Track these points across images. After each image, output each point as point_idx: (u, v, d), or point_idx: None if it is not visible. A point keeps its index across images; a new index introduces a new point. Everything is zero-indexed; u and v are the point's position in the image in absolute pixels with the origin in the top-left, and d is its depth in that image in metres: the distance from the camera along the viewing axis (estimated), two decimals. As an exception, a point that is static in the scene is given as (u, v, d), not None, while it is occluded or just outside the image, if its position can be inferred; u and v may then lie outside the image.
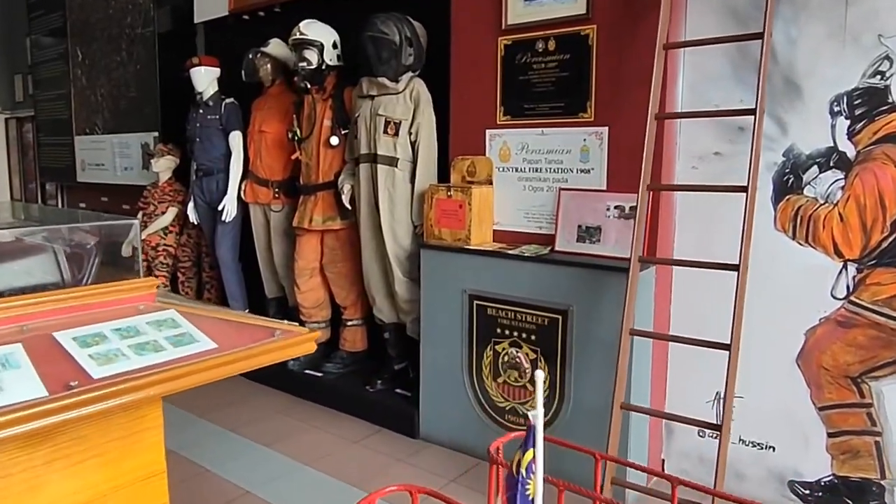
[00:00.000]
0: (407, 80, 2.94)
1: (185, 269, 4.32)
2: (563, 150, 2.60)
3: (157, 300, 1.64)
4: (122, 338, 1.40)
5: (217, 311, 1.66)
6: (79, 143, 5.29)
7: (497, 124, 2.78)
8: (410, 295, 3.02)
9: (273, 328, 1.59)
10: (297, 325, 1.71)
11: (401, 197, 2.97)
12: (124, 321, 1.47)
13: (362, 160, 3.04)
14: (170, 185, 4.24)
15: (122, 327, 1.44)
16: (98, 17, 4.85)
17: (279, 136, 3.55)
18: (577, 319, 2.44)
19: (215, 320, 1.58)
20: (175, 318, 1.53)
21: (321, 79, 3.24)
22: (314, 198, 3.32)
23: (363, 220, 3.10)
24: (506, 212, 2.79)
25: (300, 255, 3.42)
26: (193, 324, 1.52)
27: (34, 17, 5.65)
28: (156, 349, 1.40)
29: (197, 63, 3.80)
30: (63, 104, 5.39)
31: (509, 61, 2.71)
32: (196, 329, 1.50)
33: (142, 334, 1.44)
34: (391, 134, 2.94)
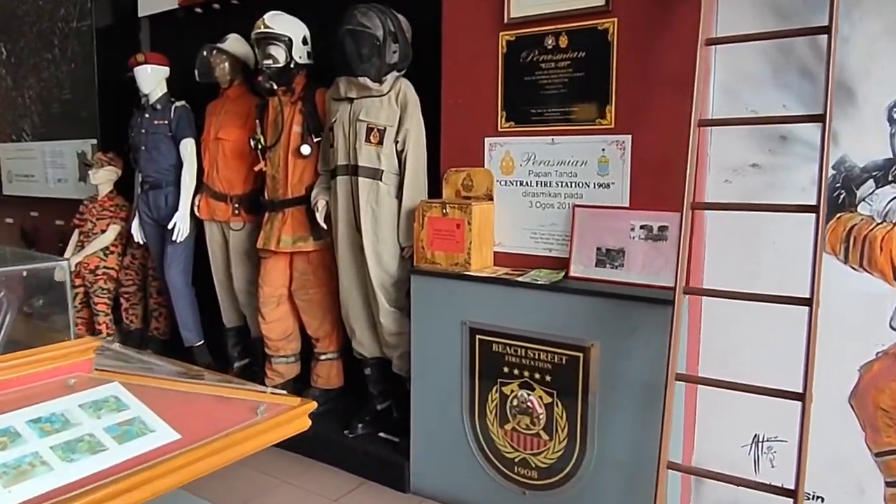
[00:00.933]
0: (392, 81, 2.56)
1: (128, 294, 3.81)
2: (578, 161, 2.27)
3: (97, 367, 1.22)
4: (42, 434, 0.98)
5: (177, 380, 1.25)
6: (3, 152, 4.69)
7: (498, 132, 2.43)
8: (398, 327, 2.63)
9: (255, 401, 1.19)
10: (284, 392, 1.32)
11: (386, 215, 2.58)
12: (48, 406, 1.05)
13: (340, 172, 2.64)
14: (110, 200, 3.74)
15: (45, 416, 1.02)
16: (25, 9, 4.30)
17: (239, 145, 3.12)
18: (600, 358, 2.11)
19: (176, 395, 1.17)
20: (120, 396, 1.11)
21: (289, 79, 2.83)
22: (282, 215, 2.89)
23: (341, 242, 2.70)
24: (509, 231, 2.44)
25: (265, 281, 2.99)
26: (146, 402, 1.11)
27: (-49, 10, 5.02)
28: (92, 449, 0.98)
29: (142, 61, 3.33)
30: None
31: (512, 60, 2.37)
32: (149, 412, 1.08)
33: (73, 425, 1.02)
34: (374, 142, 2.56)
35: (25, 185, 4.55)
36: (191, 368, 1.74)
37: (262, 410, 1.11)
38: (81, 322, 3.76)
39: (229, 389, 1.19)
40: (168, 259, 3.38)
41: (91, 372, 1.15)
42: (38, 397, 1.05)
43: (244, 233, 3.19)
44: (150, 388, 1.14)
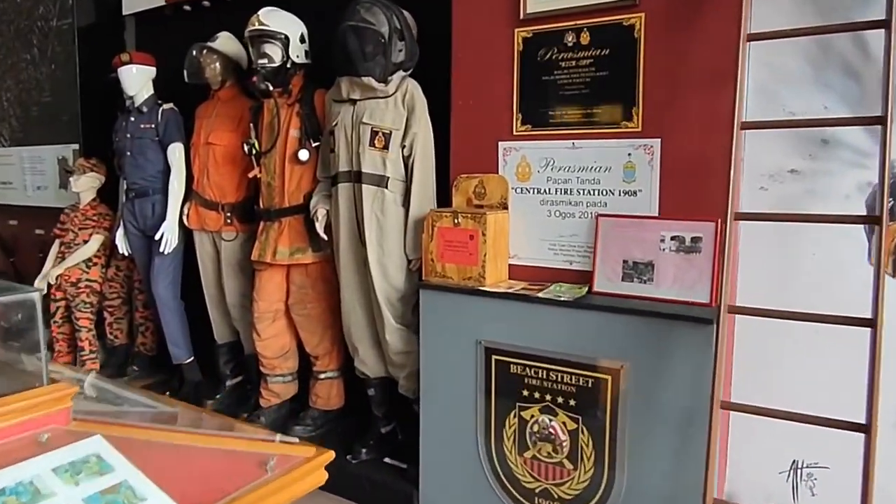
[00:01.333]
0: (398, 82, 2.39)
1: (112, 308, 3.59)
2: (602, 167, 2.11)
3: (74, 415, 1.03)
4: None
5: (171, 429, 1.06)
6: (-20, 158, 4.45)
7: (513, 136, 2.26)
8: (405, 345, 2.45)
9: (263, 453, 1.01)
10: (295, 439, 1.13)
11: (392, 225, 2.40)
12: (15, 471, 0.86)
13: (341, 179, 2.46)
14: (93, 208, 3.52)
15: (10, 486, 0.83)
16: (2, 7, 4.08)
17: (231, 150, 2.93)
18: (630, 381, 1.94)
19: (169, 449, 0.98)
20: (103, 454, 0.93)
21: (285, 79, 2.65)
22: (278, 225, 2.71)
23: (343, 253, 2.52)
24: (525, 243, 2.27)
25: (261, 295, 2.80)
26: (134, 459, 0.93)
27: (-76, 8, 4.78)
28: (68, 529, 0.79)
29: (126, 61, 3.13)
30: (-39, 111, 4.54)
31: (529, 58, 2.20)
32: (139, 473, 0.90)
33: (45, 497, 0.83)
34: (379, 147, 2.38)
35: (3, 192, 4.32)
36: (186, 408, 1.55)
37: (271, 465, 0.93)
38: (63, 338, 3.54)
39: (232, 440, 1.01)
40: (155, 271, 3.17)
41: (68, 423, 0.97)
42: (1, 459, 0.86)
43: (237, 243, 3.00)
44: (138, 441, 0.96)
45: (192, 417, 1.36)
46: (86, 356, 3.41)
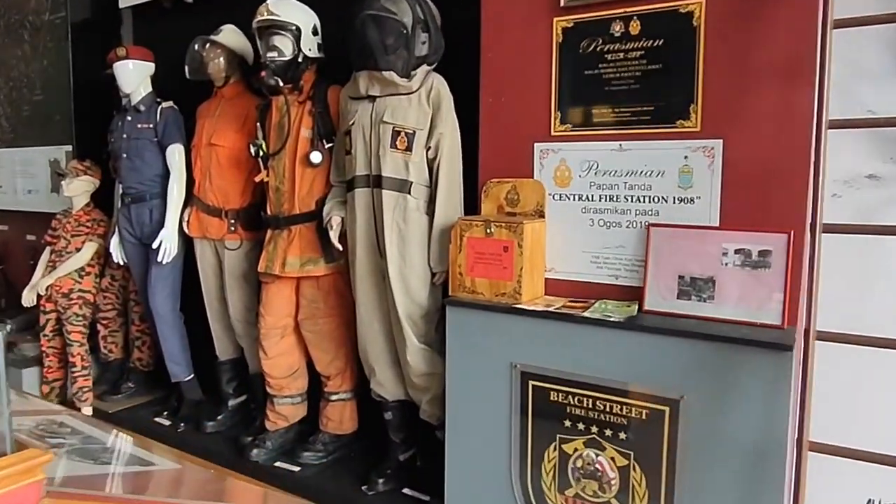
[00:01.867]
0: (422, 77, 2.17)
1: (107, 320, 3.36)
2: (653, 171, 1.89)
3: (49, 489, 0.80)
4: None
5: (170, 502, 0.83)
6: (-31, 159, 4.22)
7: (551, 136, 2.04)
8: (428, 367, 2.23)
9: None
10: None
11: (415, 234, 2.18)
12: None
13: (358, 184, 2.24)
14: (87, 214, 3.29)
15: None
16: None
17: (236, 151, 2.70)
18: (691, 414, 1.71)
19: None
20: (82, 549, 0.70)
21: (296, 74, 2.42)
22: (288, 234, 2.48)
23: (359, 265, 2.29)
24: (564, 255, 2.05)
25: (268, 310, 2.57)
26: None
27: (-88, 3, 4.55)
28: None
29: (122, 55, 2.91)
30: (-50, 110, 4.31)
31: (570, 50, 1.98)
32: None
33: None
34: (401, 148, 2.16)
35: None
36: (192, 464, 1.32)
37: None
38: (53, 352, 3.31)
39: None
40: (152, 282, 2.94)
41: (39, 502, 0.73)
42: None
43: (241, 253, 2.77)
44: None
45: (200, 481, 1.12)
46: (77, 373, 3.17)
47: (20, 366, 3.38)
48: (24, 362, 3.42)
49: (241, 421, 2.97)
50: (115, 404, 3.26)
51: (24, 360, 3.44)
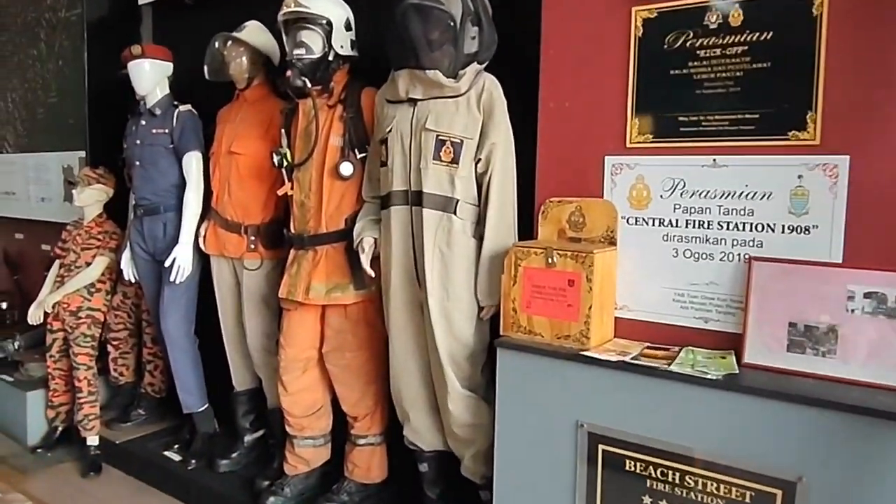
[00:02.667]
0: (471, 77, 1.85)
1: (118, 341, 3.10)
2: (757, 193, 1.55)
3: None
4: None
5: None
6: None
7: (626, 148, 1.71)
8: (473, 417, 1.90)
9: None
10: None
11: (460, 261, 1.86)
12: None
13: (395, 201, 1.93)
14: (98, 226, 3.04)
15: None
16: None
17: (258, 160, 2.42)
18: (811, 500, 1.36)
19: None
20: None
21: (326, 75, 2.13)
22: (313, 255, 2.18)
23: (394, 295, 1.98)
24: (639, 290, 1.71)
25: (289, 340, 2.27)
26: None
27: (-68, 2, 4.39)
28: None
29: (138, 54, 2.65)
30: (-34, 113, 4.13)
31: (652, 46, 1.66)
32: None
33: None
34: (447, 160, 1.84)
35: (6, 203, 3.88)
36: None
37: None
38: (59, 374, 3.05)
39: None
40: (165, 303, 2.67)
41: None
42: None
43: (261, 274, 2.48)
44: None
45: None
46: (83, 399, 2.91)
47: (26, 388, 3.14)
48: (30, 384, 3.18)
49: (258, 459, 2.67)
50: (124, 433, 3.00)
51: (30, 382, 3.20)
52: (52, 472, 2.89)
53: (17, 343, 3.34)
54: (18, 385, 3.18)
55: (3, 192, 3.88)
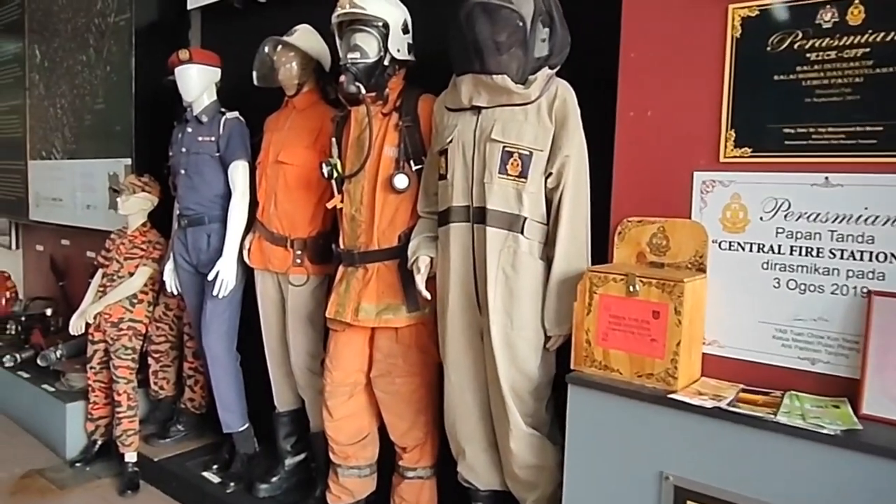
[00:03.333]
0: (542, 83, 1.68)
1: (159, 354, 3.01)
2: (879, 217, 1.34)
3: None
4: None
5: None
6: (33, 171, 4.03)
7: (720, 163, 1.52)
8: (536, 458, 1.72)
9: None
10: None
11: (527, 286, 1.69)
12: None
13: (455, 217, 1.77)
14: (142, 235, 2.96)
15: None
16: (61, 4, 3.64)
17: (306, 171, 2.30)
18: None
19: None
20: None
21: (381, 80, 1.99)
22: (363, 273, 2.04)
23: (451, 319, 1.82)
24: (732, 324, 1.51)
25: (335, 363, 2.12)
26: None
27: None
28: None
29: (185, 59, 2.56)
30: (17, 119, 4.14)
31: (752, 48, 1.46)
32: None
33: None
34: (514, 174, 1.68)
35: (53, 209, 3.86)
36: None
37: None
38: (99, 387, 2.98)
39: None
40: (207, 318, 2.56)
41: None
42: None
43: (307, 290, 2.35)
44: None
45: None
46: (122, 414, 2.83)
47: (65, 399, 3.07)
48: (70, 395, 3.12)
49: (299, 485, 2.53)
50: (162, 450, 2.90)
51: (70, 393, 3.14)
52: (89, 488, 2.81)
53: (59, 352, 3.28)
54: (59, 396, 3.12)
55: (51, 198, 3.85)
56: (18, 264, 4.75)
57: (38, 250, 4.49)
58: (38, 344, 3.63)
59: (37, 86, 3.90)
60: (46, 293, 4.27)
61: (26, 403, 3.33)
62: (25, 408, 3.35)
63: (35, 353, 3.46)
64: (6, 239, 4.87)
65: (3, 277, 4.39)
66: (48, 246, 4.35)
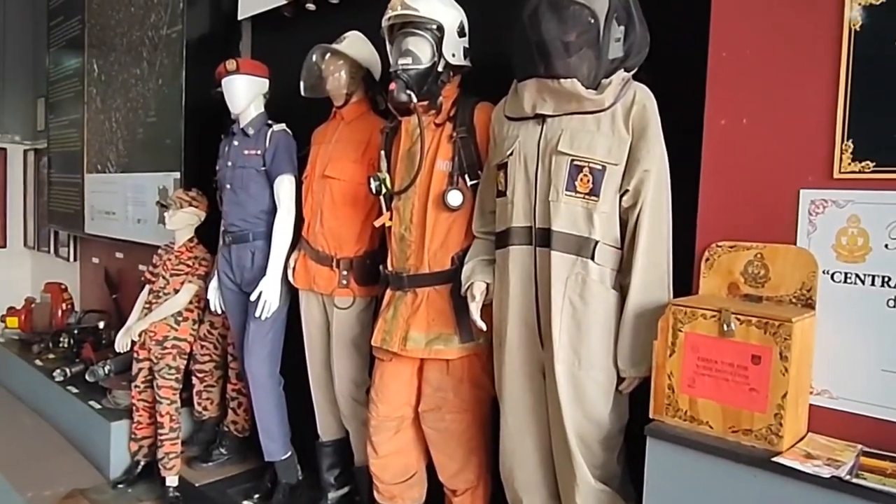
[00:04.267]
0: (617, 88, 1.48)
1: (203, 374, 2.91)
2: None
3: None
4: None
5: None
6: (89, 184, 4.04)
7: (833, 180, 1.28)
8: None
9: None
10: None
11: (597, 318, 1.48)
12: None
13: (515, 239, 1.58)
14: (189, 251, 2.88)
15: None
16: (118, 19, 3.64)
17: (354, 186, 2.16)
18: None
19: None
20: None
21: (435, 88, 1.83)
22: (413, 298, 1.86)
23: (509, 353, 1.62)
24: (847, 371, 1.27)
25: (381, 396, 1.95)
26: None
27: (54, 25, 4.53)
28: None
29: (233, 69, 2.46)
30: (76, 133, 4.18)
31: (875, 44, 1.23)
32: None
33: None
34: (584, 192, 1.48)
35: (106, 223, 3.85)
36: None
37: None
38: (143, 406, 2.90)
39: None
40: (250, 340, 2.44)
41: None
42: None
43: (352, 313, 2.19)
44: None
45: None
46: (165, 436, 2.73)
47: (110, 417, 3.00)
48: (115, 413, 3.05)
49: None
50: (204, 474, 2.79)
51: (115, 412, 3.07)
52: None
53: (107, 367, 3.23)
54: (104, 414, 3.06)
55: (105, 211, 3.85)
56: (76, 276, 4.81)
57: (94, 262, 4.52)
58: (89, 358, 3.60)
59: (94, 100, 3.92)
60: (100, 306, 4.28)
61: (74, 419, 3.30)
62: (73, 424, 3.31)
63: (85, 367, 3.44)
64: (65, 250, 4.95)
65: (60, 289, 4.43)
66: (103, 258, 4.36)
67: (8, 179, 5.64)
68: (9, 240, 5.62)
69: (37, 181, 5.39)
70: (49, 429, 3.47)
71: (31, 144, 5.52)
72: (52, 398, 3.52)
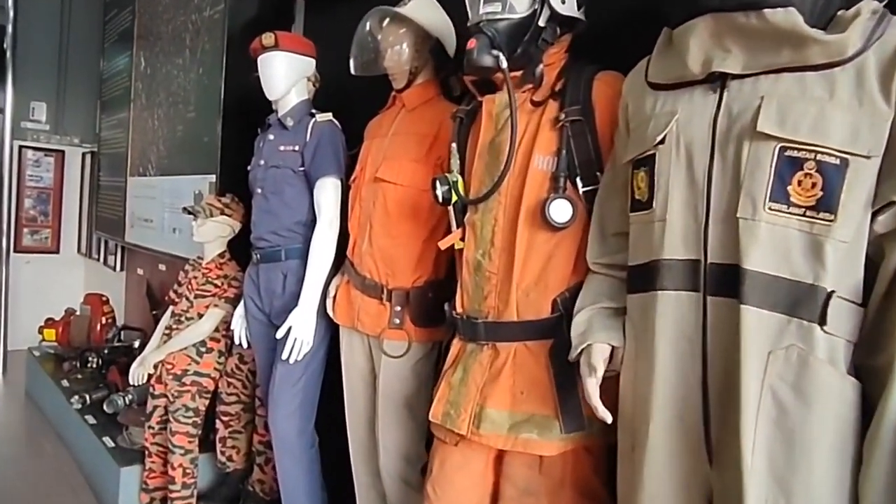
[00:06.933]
0: (868, 26, 0.85)
1: (229, 417, 2.40)
2: None
3: None
4: None
5: None
6: (131, 188, 3.68)
7: None
8: None
9: None
10: None
11: (824, 428, 0.85)
12: None
13: (668, 279, 0.96)
14: (218, 268, 2.39)
15: None
16: (165, 4, 3.25)
17: (414, 193, 1.59)
18: None
19: None
20: None
21: (534, 51, 1.25)
22: (492, 355, 1.27)
23: (651, 463, 1.00)
24: None
25: (442, 492, 1.35)
26: None
27: (108, 19, 4.25)
28: None
29: (270, 45, 1.95)
30: (122, 133, 3.84)
31: None
32: None
33: None
34: (806, 203, 0.85)
35: (144, 232, 3.46)
36: None
37: None
38: (157, 451, 2.42)
39: None
40: (276, 388, 1.90)
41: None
42: None
43: (407, 363, 1.62)
44: None
45: None
46: (176, 493, 2.24)
47: (121, 461, 2.53)
48: (127, 456, 2.57)
49: None
50: (222, 543, 2.27)
51: (128, 453, 2.60)
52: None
53: (129, 397, 2.78)
54: (115, 456, 2.59)
55: (143, 218, 3.45)
56: (121, 288, 4.48)
57: (139, 274, 4.16)
58: (115, 382, 3.19)
59: (140, 96, 3.56)
60: (142, 322, 3.89)
61: (88, 455, 2.87)
62: (87, 459, 2.89)
63: (108, 393, 3.01)
64: (112, 259, 4.63)
65: (100, 301, 4.06)
66: (146, 270, 3.99)
67: (65, 183, 5.44)
68: (62, 245, 5.40)
69: (91, 186, 5.15)
70: (68, 459, 3.07)
71: (89, 147, 5.29)
72: (72, 426, 3.12)
